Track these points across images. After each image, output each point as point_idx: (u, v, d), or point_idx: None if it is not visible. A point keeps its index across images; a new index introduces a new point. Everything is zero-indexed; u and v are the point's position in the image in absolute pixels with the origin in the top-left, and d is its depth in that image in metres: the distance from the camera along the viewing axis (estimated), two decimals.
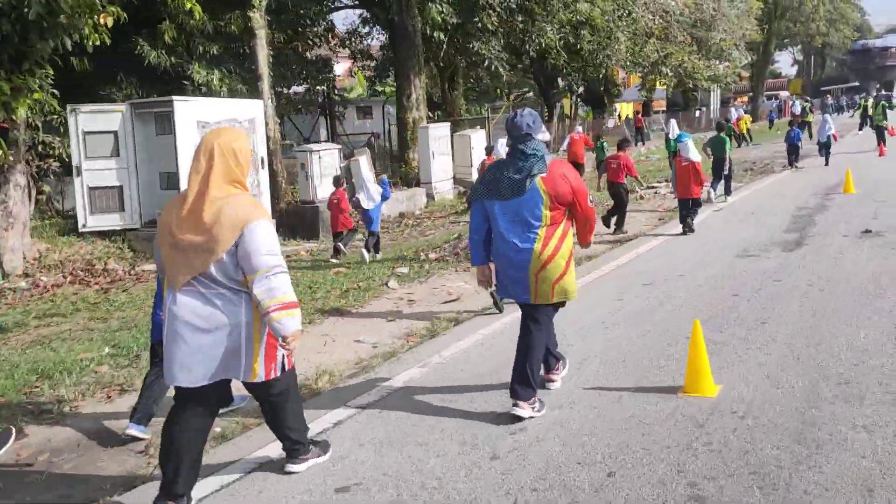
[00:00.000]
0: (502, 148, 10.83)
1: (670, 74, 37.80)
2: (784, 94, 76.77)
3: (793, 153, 20.04)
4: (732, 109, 34.30)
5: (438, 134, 16.16)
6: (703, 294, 6.82)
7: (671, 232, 10.88)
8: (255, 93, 13.67)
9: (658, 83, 39.31)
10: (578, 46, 22.17)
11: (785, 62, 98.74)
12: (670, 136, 23.15)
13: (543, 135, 4.61)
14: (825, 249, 8.45)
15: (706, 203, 13.63)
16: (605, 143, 22.06)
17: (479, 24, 19.04)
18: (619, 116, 52.16)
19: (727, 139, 14.93)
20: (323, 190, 12.77)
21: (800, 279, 7.09)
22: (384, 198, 10.36)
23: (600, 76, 28.40)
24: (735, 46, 39.85)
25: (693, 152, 10.87)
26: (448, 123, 18.40)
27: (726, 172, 15.10)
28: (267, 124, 13.53)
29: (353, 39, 25.67)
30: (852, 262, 7.62)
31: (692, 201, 10.75)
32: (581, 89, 35.50)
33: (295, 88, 25.58)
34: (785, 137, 20.47)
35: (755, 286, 6.95)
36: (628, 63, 25.33)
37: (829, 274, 7.20)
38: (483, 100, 41.31)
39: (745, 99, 63.82)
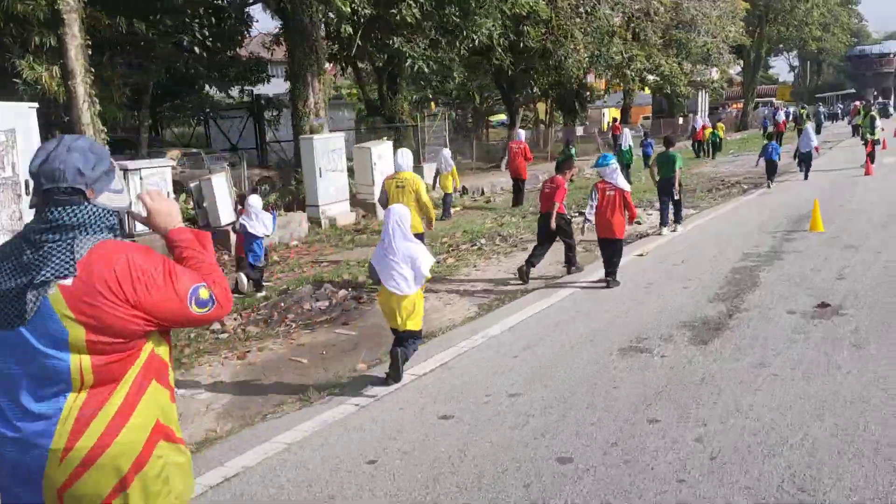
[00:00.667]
0: (403, 160, 8.30)
1: (647, 78, 35.05)
2: (777, 101, 74.19)
3: (770, 170, 17.36)
4: (698, 118, 31.49)
5: (329, 146, 13.31)
6: (509, 455, 3.95)
7: (581, 282, 8.13)
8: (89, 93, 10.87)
9: (637, 88, 36.61)
10: (522, 45, 19.35)
11: (782, 68, 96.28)
12: (623, 147, 20.54)
13: (109, 195, 2.06)
14: (753, 342, 5.62)
15: (657, 237, 11.02)
16: (573, 151, 19.76)
17: (399, 17, 16.23)
18: (610, 122, 49.27)
19: (677, 156, 12.17)
20: None
21: (688, 421, 4.25)
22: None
23: (571, 79, 25.66)
24: (718, 50, 37.05)
25: (621, 178, 8.17)
26: (346, 134, 15.69)
27: (676, 197, 12.49)
28: (83, 134, 10.72)
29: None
30: (783, 382, 4.76)
31: (613, 245, 8.00)
32: (550, 93, 32.66)
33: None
34: (760, 152, 17.74)
35: (608, 436, 4.10)
36: (586, 64, 22.41)
37: (740, 410, 4.35)
38: (455, 105, 38.54)
39: (738, 105, 60.89)
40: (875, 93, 73.03)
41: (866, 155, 19.68)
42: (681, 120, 45.02)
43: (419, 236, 6.77)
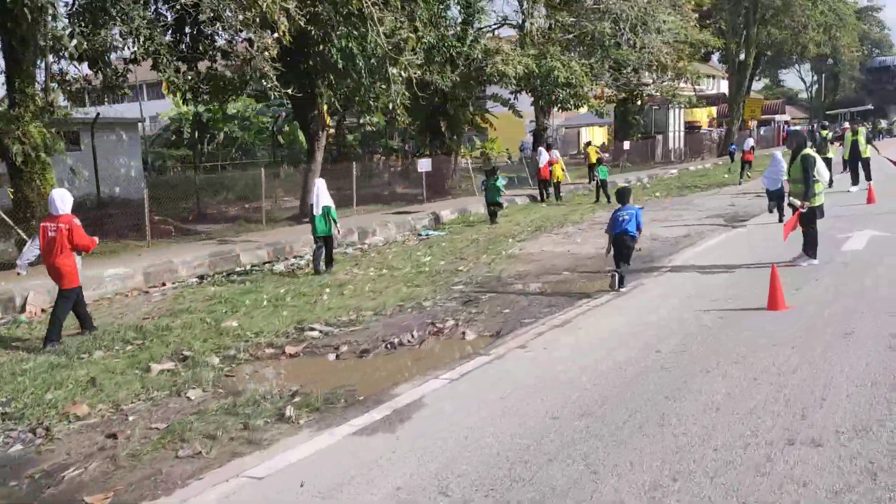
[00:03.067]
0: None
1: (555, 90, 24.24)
2: (782, 117, 62.64)
3: (620, 257, 7.32)
4: (542, 150, 21.20)
5: None
6: None
7: None
8: None
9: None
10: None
11: (798, 83, 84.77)
12: (315, 210, 10.23)
13: None
14: None
15: None
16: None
17: None
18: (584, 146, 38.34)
19: None
20: None
21: None
22: None
23: (345, 85, 15.27)
24: (657, 51, 26.30)
25: None
26: None
27: None
28: None
29: None
30: None
31: None
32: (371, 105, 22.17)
33: None
34: (610, 222, 7.75)
35: None
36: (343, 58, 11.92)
37: None
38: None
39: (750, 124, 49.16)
40: None
41: (806, 240, 9.11)
42: (626, 144, 34.20)
43: None
